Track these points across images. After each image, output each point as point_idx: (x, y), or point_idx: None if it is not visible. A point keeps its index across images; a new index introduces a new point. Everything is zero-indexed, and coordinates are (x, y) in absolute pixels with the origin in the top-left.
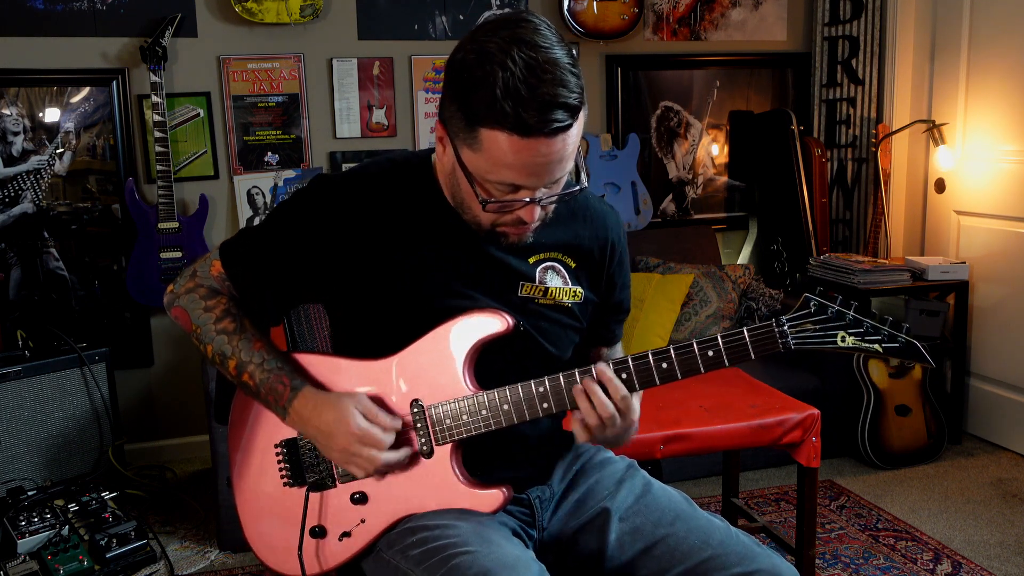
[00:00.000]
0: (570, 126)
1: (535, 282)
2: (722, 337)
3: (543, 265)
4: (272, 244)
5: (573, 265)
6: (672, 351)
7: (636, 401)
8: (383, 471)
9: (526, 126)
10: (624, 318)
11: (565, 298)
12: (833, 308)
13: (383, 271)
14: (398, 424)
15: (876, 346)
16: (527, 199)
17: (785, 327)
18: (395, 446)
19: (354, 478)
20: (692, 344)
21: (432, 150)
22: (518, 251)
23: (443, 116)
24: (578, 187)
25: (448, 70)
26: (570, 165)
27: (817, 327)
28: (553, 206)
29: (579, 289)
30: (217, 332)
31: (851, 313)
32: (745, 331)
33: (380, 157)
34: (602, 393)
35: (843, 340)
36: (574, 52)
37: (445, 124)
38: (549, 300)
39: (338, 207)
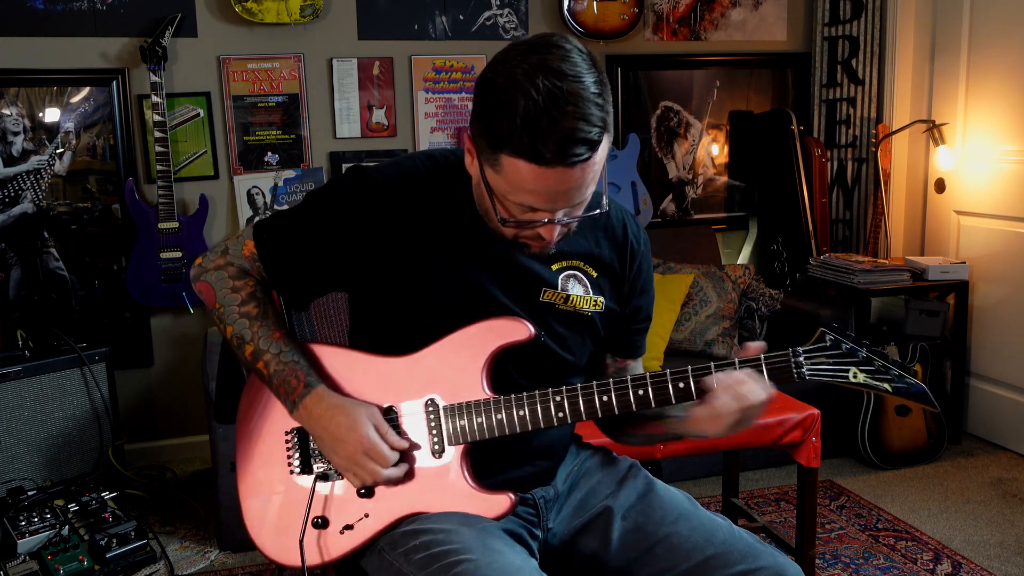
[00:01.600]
0: (590, 158)
1: (557, 289)
2: (740, 363)
3: (565, 273)
4: (306, 230)
5: (595, 275)
6: (690, 372)
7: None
8: (383, 484)
9: (544, 159)
10: (646, 327)
11: (586, 307)
12: (847, 344)
13: (409, 268)
14: (404, 444)
15: (886, 385)
16: (545, 220)
17: (801, 358)
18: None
19: None
20: (710, 367)
21: None
22: (542, 258)
23: (472, 131)
24: (598, 211)
25: (478, 88)
26: (592, 188)
27: (831, 361)
28: (576, 223)
29: (600, 299)
30: (240, 315)
31: (864, 351)
32: (763, 359)
33: (419, 154)
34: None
35: (855, 376)
36: (605, 78)
37: (473, 139)
38: (569, 308)
39: (373, 203)
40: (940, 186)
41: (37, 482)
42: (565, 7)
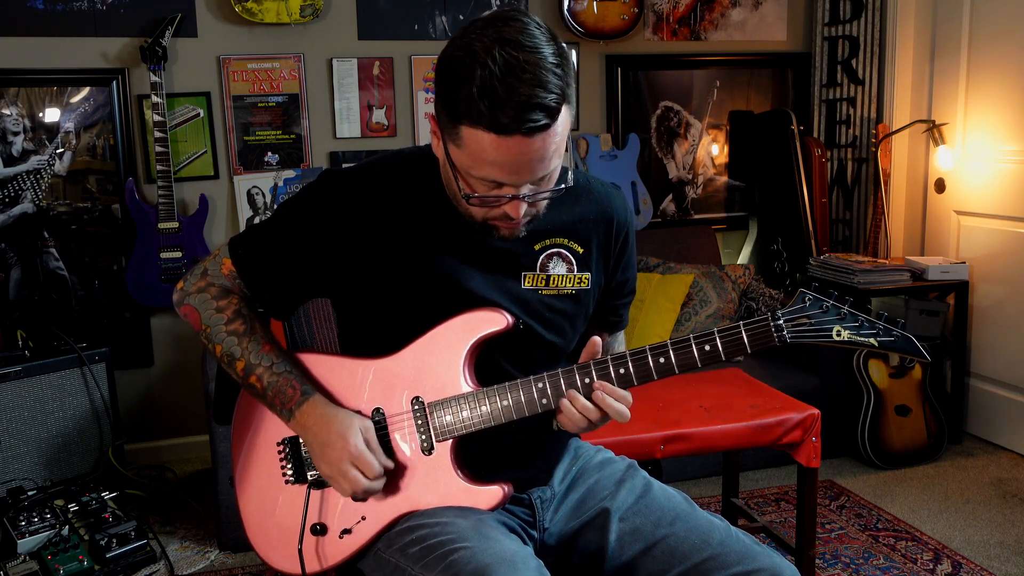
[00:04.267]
0: (548, 126)
1: (536, 271)
2: (719, 331)
3: (548, 252)
4: (281, 239)
5: (580, 251)
6: (669, 346)
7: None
8: (362, 497)
9: (502, 126)
10: (630, 300)
11: (569, 285)
12: (828, 303)
13: (385, 265)
14: (391, 464)
15: (871, 339)
16: (510, 195)
17: (780, 321)
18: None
19: None
20: (689, 339)
21: None
22: (523, 239)
23: (435, 109)
24: (563, 186)
25: (437, 66)
26: (556, 163)
27: (812, 321)
28: (545, 202)
29: (586, 275)
30: (228, 333)
31: (846, 308)
32: (741, 325)
33: (389, 152)
34: (587, 402)
35: (839, 334)
36: (564, 51)
37: (436, 117)
38: (552, 289)
39: (344, 201)
40: (940, 186)
41: (37, 482)
42: (565, 7)
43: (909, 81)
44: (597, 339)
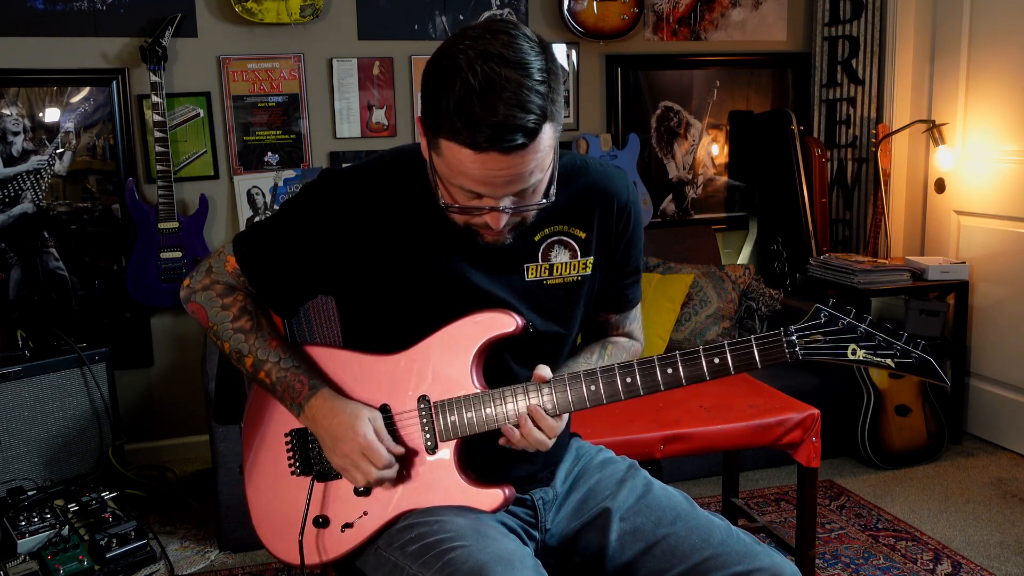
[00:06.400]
0: (525, 145)
1: (539, 261)
2: (729, 345)
3: (549, 240)
4: (283, 237)
5: (583, 235)
6: (678, 357)
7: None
8: (374, 485)
9: (477, 143)
10: (638, 279)
11: (573, 273)
12: (845, 320)
13: (386, 263)
14: (400, 450)
15: (888, 360)
16: (489, 207)
17: (793, 337)
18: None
19: None
20: (699, 351)
21: None
22: (523, 231)
23: (421, 115)
24: (544, 201)
25: (424, 72)
26: (538, 176)
27: (827, 338)
28: (532, 213)
29: (589, 260)
30: (234, 330)
31: (863, 326)
32: (752, 340)
33: (389, 150)
34: (534, 427)
35: (854, 353)
36: (554, 66)
37: (422, 123)
38: (556, 278)
39: (343, 200)
40: (940, 186)
41: (37, 482)
42: (565, 7)
43: (909, 81)
44: (544, 370)
